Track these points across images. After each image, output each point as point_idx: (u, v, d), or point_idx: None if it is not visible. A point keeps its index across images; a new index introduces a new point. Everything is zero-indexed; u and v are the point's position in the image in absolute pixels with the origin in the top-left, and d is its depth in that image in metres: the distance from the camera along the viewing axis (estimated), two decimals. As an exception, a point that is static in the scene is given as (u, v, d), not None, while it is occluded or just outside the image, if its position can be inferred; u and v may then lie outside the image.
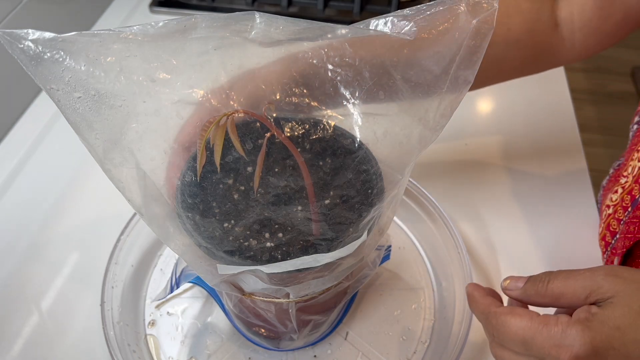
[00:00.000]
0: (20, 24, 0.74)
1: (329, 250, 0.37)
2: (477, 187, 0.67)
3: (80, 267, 0.58)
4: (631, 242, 0.48)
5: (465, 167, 0.69)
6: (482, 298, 0.40)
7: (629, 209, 0.50)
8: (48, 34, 0.31)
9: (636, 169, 0.50)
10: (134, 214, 0.57)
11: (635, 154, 0.51)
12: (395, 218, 0.62)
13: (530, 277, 0.38)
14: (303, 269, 0.36)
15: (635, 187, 0.50)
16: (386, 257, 0.50)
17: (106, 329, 0.49)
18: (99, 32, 0.32)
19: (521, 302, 0.39)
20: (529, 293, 0.38)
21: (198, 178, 0.39)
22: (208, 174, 0.40)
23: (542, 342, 0.34)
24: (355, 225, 0.38)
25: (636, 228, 0.47)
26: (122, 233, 0.56)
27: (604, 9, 0.53)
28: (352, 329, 0.53)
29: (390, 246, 0.51)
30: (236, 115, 0.35)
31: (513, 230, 0.62)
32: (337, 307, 0.48)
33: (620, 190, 0.53)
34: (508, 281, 0.39)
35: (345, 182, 0.40)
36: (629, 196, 0.50)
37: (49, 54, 0.31)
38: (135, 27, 0.33)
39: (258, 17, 0.34)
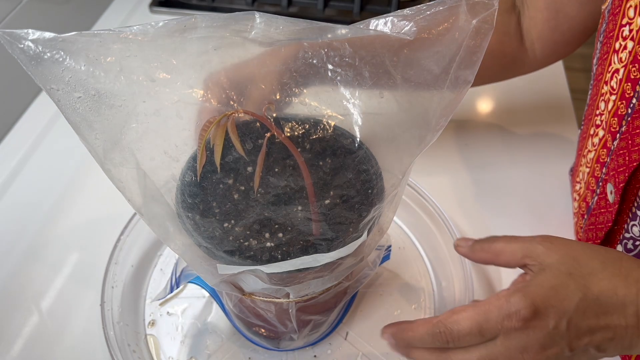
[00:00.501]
0: (20, 24, 0.74)
1: (329, 250, 0.37)
2: (477, 187, 0.67)
3: (80, 267, 0.58)
4: None
5: (465, 167, 0.69)
6: (414, 325, 0.39)
7: (585, 217, 0.50)
8: (48, 34, 0.31)
9: (586, 175, 0.51)
10: (134, 214, 0.57)
11: (583, 160, 0.52)
12: (395, 218, 0.62)
13: (479, 238, 0.43)
14: (303, 269, 0.36)
15: (588, 194, 0.51)
16: (386, 257, 0.50)
17: (106, 329, 0.49)
18: (99, 32, 0.32)
19: (467, 258, 0.44)
20: (475, 248, 0.43)
21: (198, 178, 0.39)
22: (208, 174, 0.40)
23: (494, 319, 0.36)
24: (355, 225, 0.38)
25: (594, 235, 0.49)
26: (122, 233, 0.56)
27: (550, 20, 0.57)
28: (352, 329, 0.53)
29: (390, 246, 0.51)
30: (236, 115, 0.36)
31: (513, 230, 0.62)
32: (337, 307, 0.48)
33: (577, 198, 0.54)
34: (459, 241, 0.44)
35: (345, 182, 0.40)
36: (584, 203, 0.51)
37: (49, 54, 0.31)
38: (135, 27, 0.33)
39: (258, 17, 0.34)
